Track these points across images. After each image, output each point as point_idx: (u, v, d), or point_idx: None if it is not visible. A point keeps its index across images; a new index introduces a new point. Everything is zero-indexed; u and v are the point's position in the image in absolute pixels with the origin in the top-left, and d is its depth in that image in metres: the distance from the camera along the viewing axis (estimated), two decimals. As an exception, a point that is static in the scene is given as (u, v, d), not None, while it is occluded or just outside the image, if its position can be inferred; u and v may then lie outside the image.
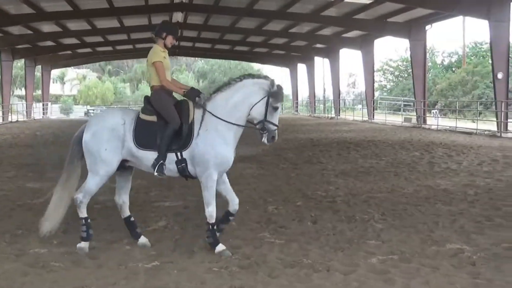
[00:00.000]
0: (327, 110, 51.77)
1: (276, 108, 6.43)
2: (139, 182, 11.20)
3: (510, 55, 26.95)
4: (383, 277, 5.48)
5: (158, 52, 6.64)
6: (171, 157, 6.30)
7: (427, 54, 40.71)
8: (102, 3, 28.76)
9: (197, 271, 5.68)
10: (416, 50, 32.55)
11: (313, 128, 30.81)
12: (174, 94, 6.74)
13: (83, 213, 6.40)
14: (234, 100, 6.41)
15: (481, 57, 55.32)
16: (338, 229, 7.38)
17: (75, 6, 28.63)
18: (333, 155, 16.20)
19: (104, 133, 6.29)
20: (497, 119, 25.67)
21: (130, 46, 48.18)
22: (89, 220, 6.47)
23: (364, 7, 29.01)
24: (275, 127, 6.48)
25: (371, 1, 27.67)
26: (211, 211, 6.34)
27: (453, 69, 59.00)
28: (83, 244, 6.36)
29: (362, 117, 40.64)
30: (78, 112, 52.98)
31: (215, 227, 6.40)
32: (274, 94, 6.34)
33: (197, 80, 73.97)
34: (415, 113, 34.85)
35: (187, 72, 79.15)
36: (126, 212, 6.69)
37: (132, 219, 6.74)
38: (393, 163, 14.23)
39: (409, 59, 37.14)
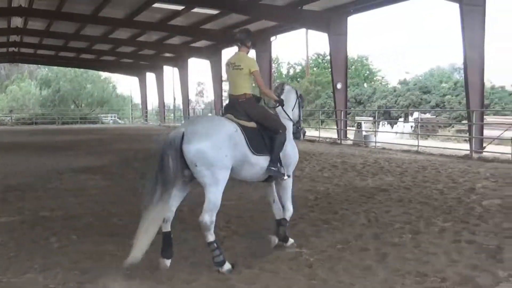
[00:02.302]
0: (177, 119, 51.74)
1: (302, 107, 7.39)
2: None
3: (348, 67, 28.66)
4: (225, 284, 5.54)
5: (255, 60, 6.73)
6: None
7: (273, 65, 42.07)
8: None
9: (33, 289, 5.39)
10: (262, 61, 33.47)
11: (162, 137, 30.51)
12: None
13: (212, 236, 5.90)
14: (288, 106, 7.07)
15: (323, 68, 58.26)
16: (182, 238, 7.35)
17: None
18: (181, 164, 16.14)
19: (223, 141, 5.92)
20: (337, 127, 27.12)
21: (-37, 52, 44.86)
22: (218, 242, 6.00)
23: (211, 18, 29.45)
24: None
25: (217, 12, 28.10)
26: (291, 209, 6.98)
27: (298, 79, 61.52)
28: (227, 265, 5.89)
29: (212, 126, 40.94)
30: None
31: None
32: (301, 96, 7.39)
33: (40, 88, 70.33)
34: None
35: (29, 80, 75.07)
36: (169, 228, 6.08)
37: (172, 236, 6.11)
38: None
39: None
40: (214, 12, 28.30)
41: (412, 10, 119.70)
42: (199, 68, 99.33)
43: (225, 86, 63.57)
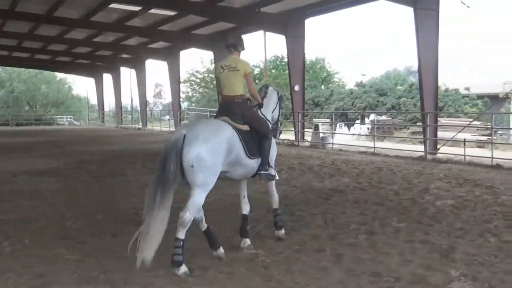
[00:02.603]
0: (135, 120, 51.28)
1: (282, 108, 7.85)
2: None
3: (306, 69, 28.86)
4: (181, 286, 5.51)
5: (249, 63, 7.06)
6: (259, 161, 6.86)
7: (231, 66, 41.79)
8: None
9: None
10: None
11: (119, 139, 30.27)
12: None
13: (183, 234, 5.96)
14: (269, 107, 7.50)
15: (281, 70, 58.50)
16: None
17: None
18: (137, 166, 16.03)
19: (221, 146, 6.17)
20: (294, 129, 27.26)
21: None
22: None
23: (168, 19, 29.19)
24: None
25: (175, 13, 27.93)
26: (278, 198, 7.44)
27: (256, 81, 61.63)
28: (183, 268, 5.88)
29: (169, 127, 40.82)
30: None
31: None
32: (282, 97, 7.83)
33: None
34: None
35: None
36: (205, 225, 6.43)
37: (211, 229, 6.51)
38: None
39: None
40: (171, 13, 28.09)
41: (370, 13, 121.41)
42: (156, 69, 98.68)
43: (184, 88, 63.47)
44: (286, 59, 32.44)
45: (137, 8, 27.23)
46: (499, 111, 34.66)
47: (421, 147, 20.36)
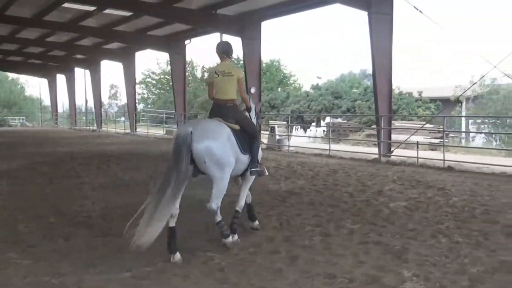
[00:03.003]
0: (89, 122, 50.54)
1: (258, 123, 8.22)
2: None
3: (263, 71, 28.90)
4: (135, 290, 5.46)
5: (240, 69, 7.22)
6: (249, 158, 7.32)
7: (187, 68, 41.87)
8: None
9: None
10: (176, 64, 33.43)
11: (73, 141, 29.74)
12: None
13: (219, 217, 6.89)
14: (252, 115, 7.89)
15: (238, 72, 58.50)
16: (91, 245, 7.17)
17: None
18: (92, 168, 15.77)
19: (225, 141, 6.79)
20: (251, 131, 27.28)
21: None
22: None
23: (124, 19, 28.88)
24: None
25: (130, 14, 27.63)
26: (243, 203, 7.71)
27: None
28: (231, 238, 7.05)
29: (125, 129, 40.40)
30: None
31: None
32: (258, 114, 8.30)
33: None
34: (176, 126, 35.57)
35: None
36: (174, 224, 6.60)
37: (176, 232, 6.61)
38: (153, 175, 14.28)
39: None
40: (126, 14, 27.78)
41: (325, 16, 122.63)
42: (112, 70, 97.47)
43: (140, 89, 62.93)
44: (242, 61, 32.40)
45: (91, 8, 26.84)
46: (450, 115, 35.45)
47: (375, 150, 20.63)
